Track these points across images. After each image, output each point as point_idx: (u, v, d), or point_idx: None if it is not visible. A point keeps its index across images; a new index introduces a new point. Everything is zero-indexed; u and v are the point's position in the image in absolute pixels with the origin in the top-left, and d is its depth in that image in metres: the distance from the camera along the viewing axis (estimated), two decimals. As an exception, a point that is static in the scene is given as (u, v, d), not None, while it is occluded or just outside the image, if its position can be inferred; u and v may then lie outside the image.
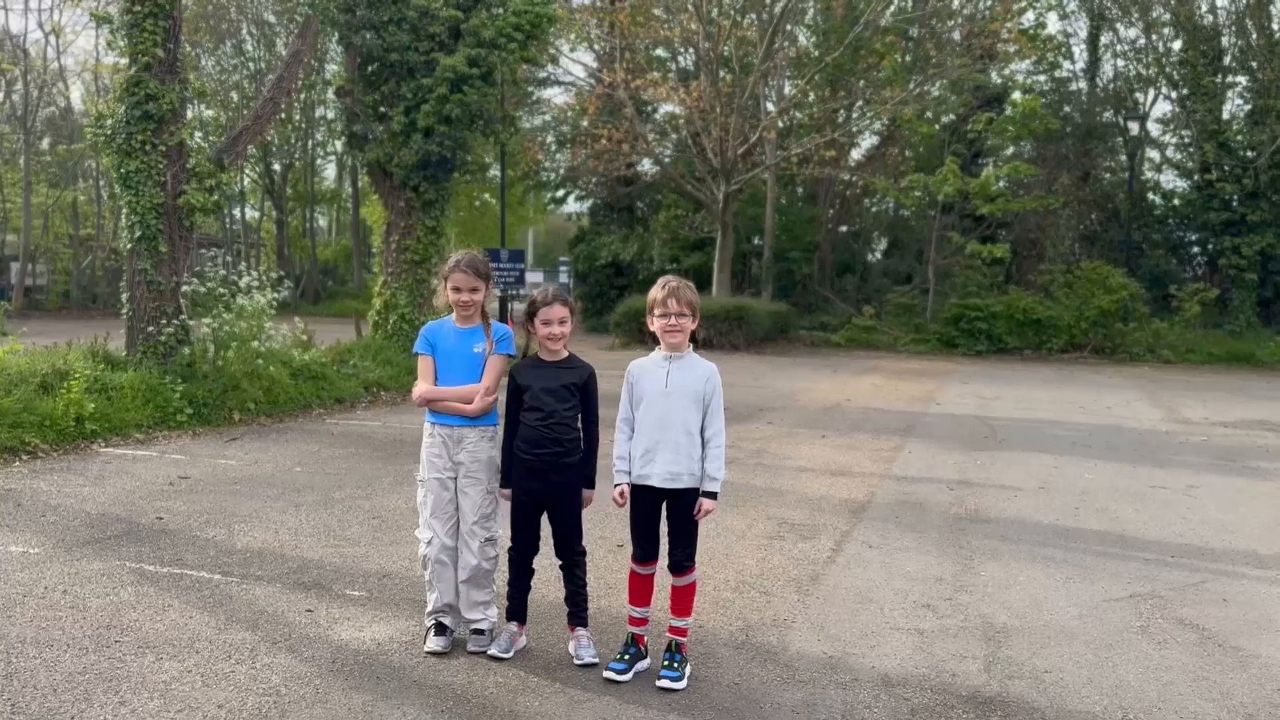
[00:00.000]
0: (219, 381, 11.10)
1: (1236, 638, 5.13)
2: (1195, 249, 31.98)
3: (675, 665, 4.33)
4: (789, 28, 27.93)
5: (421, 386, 4.69)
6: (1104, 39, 33.14)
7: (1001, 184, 26.75)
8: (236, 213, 41.23)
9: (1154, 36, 30.99)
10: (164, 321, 11.02)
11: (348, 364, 13.90)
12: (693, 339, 4.53)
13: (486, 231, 40.92)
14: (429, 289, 16.13)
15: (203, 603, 5.16)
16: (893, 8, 28.19)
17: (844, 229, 34.89)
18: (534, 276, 38.80)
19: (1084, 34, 33.38)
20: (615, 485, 4.46)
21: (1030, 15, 28.04)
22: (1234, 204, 27.82)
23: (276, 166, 39.79)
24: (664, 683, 4.26)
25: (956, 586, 5.85)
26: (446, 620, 4.66)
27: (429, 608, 4.68)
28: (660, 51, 30.32)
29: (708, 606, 5.32)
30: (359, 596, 5.34)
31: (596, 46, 29.58)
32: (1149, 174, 33.27)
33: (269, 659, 4.45)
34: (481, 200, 42.85)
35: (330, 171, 47.10)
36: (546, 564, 4.74)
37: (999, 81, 30.06)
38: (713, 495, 4.39)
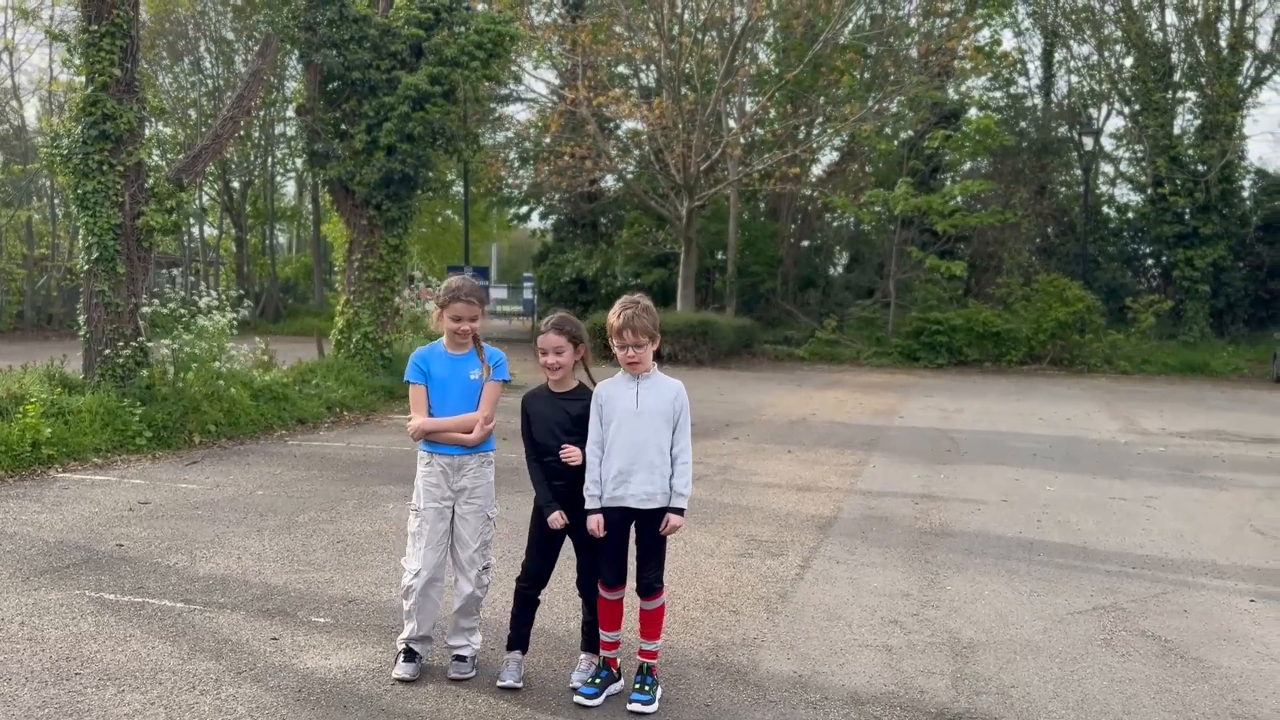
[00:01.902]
0: (179, 404, 10.94)
1: (1198, 649, 5.21)
2: (1149, 261, 32.68)
3: (646, 688, 4.32)
4: (749, 45, 28.17)
5: (418, 420, 4.60)
6: (1058, 56, 33.88)
7: (957, 200, 27.12)
8: (195, 231, 40.74)
9: (1106, 53, 31.68)
10: (122, 343, 10.84)
11: (310, 384, 13.75)
12: (657, 355, 4.54)
13: (449, 248, 40.78)
14: (392, 307, 16.05)
15: (165, 632, 5.07)
16: (851, 26, 28.56)
17: (806, 244, 35.20)
18: (498, 293, 38.73)
19: (1038, 51, 34.11)
20: (590, 513, 4.40)
21: (986, 33, 28.55)
22: (1186, 217, 28.45)
23: (235, 184, 39.38)
24: (635, 706, 4.25)
25: (923, 602, 5.90)
26: (417, 647, 4.62)
27: (403, 634, 4.63)
28: (622, 68, 30.47)
29: (677, 626, 5.31)
30: (324, 623, 5.28)
31: (559, 64, 29.66)
32: (1103, 188, 33.96)
33: (234, 689, 4.39)
34: (444, 217, 42.70)
35: (290, 189, 46.71)
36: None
37: (956, 98, 30.53)
38: (680, 511, 4.40)
